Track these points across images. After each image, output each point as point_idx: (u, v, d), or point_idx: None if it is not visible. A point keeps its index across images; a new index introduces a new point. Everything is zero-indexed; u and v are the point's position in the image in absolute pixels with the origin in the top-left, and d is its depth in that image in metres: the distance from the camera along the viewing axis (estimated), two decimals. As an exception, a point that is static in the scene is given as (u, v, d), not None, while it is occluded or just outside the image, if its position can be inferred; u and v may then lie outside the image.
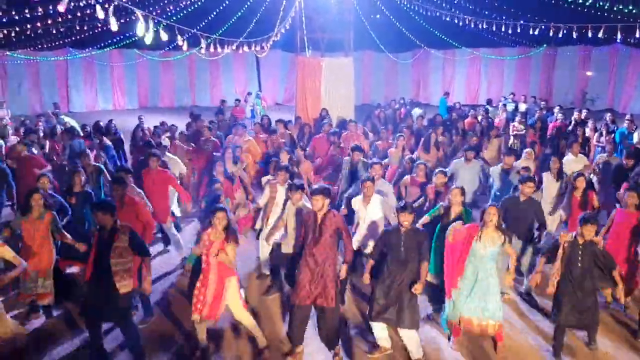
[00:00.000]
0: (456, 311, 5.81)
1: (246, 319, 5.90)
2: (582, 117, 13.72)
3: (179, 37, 9.38)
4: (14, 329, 5.47)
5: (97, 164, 9.06)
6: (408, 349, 5.84)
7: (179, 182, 8.79)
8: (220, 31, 15.34)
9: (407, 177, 8.42)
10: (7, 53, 22.60)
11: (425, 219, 6.92)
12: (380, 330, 5.89)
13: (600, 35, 12.12)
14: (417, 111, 16.17)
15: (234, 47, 14.06)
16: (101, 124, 12.76)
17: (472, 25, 17.15)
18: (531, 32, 14.58)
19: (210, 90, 28.16)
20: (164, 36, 8.46)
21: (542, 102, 16.82)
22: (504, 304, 6.10)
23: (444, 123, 13.29)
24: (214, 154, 10.20)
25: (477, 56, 26.62)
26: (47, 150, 10.97)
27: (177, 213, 9.11)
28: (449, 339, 6.15)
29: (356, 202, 7.16)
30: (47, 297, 6.42)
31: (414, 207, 6.50)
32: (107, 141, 11.22)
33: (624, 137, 11.73)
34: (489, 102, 18.64)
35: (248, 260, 8.26)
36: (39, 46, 22.24)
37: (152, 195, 7.80)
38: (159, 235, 8.88)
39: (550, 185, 8.45)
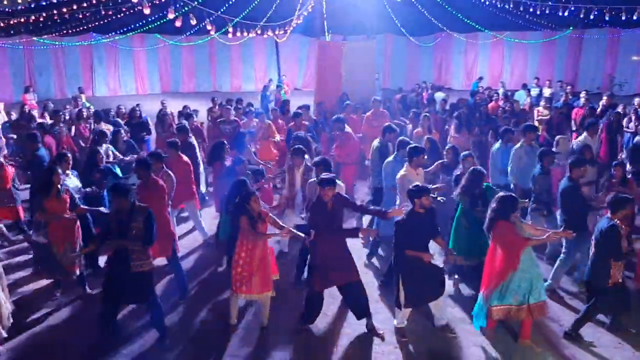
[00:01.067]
0: (505, 301, 5.61)
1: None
2: (609, 103, 13.41)
3: (206, 20, 9.43)
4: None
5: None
6: (435, 314, 5.94)
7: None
8: (242, 15, 15.34)
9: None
10: (34, 38, 22.91)
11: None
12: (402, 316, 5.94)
13: (635, 17, 11.76)
14: (440, 95, 16.04)
15: (258, 31, 14.05)
16: (122, 109, 13.00)
17: (496, 8, 16.86)
18: (560, 14, 14.22)
19: (230, 76, 28.25)
20: (193, 20, 8.51)
21: (568, 87, 16.52)
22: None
23: (468, 107, 13.15)
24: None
25: (501, 40, 26.22)
26: (72, 134, 11.12)
27: (203, 189, 9.34)
28: (483, 333, 6.02)
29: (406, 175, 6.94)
30: (75, 268, 6.59)
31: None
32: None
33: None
34: (524, 86, 18.17)
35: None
36: (64, 31, 22.49)
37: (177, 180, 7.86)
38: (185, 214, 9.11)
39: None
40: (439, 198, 6.61)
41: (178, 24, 6.98)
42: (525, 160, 8.22)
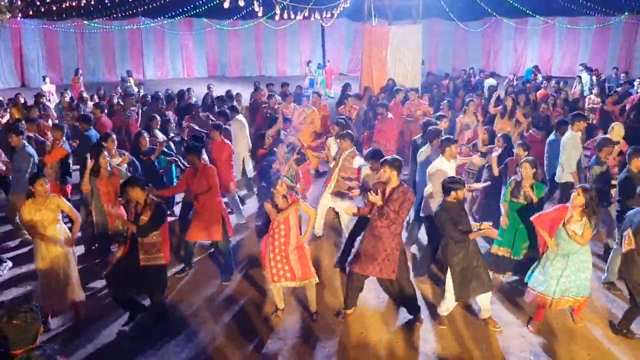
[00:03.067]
0: (544, 290, 5.67)
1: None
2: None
3: (255, 3, 9.51)
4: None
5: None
6: (481, 307, 5.88)
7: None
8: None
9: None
10: (85, 22, 23.54)
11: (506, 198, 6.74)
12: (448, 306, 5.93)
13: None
14: (490, 82, 15.76)
15: (305, 14, 14.06)
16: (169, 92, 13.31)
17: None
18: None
19: (276, 60, 28.37)
20: (242, 1, 8.59)
21: (622, 74, 15.93)
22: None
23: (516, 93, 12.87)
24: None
25: (551, 25, 25.40)
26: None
27: (238, 176, 9.55)
28: (530, 319, 6.03)
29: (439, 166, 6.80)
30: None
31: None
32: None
33: None
34: (590, 69, 17.52)
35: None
36: (114, 15, 23.02)
37: (217, 165, 7.98)
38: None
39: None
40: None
41: (227, 4, 7.08)
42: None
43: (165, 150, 8.65)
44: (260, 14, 10.29)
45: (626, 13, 23.55)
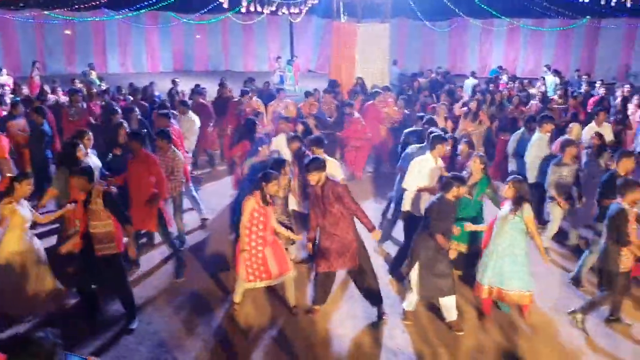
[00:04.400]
0: (483, 280, 5.87)
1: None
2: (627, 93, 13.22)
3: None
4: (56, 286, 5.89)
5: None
6: (445, 312, 5.87)
7: None
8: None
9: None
10: (45, 12, 22.85)
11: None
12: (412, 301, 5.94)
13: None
14: (471, 81, 16.00)
15: (273, 8, 13.94)
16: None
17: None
18: (579, 1, 13.90)
19: (243, 56, 28.13)
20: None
21: (584, 77, 16.28)
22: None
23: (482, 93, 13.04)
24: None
25: (517, 27, 25.80)
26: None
27: None
28: (480, 314, 6.14)
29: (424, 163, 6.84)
30: None
31: None
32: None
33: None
34: (554, 71, 17.85)
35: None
36: (76, 6, 22.41)
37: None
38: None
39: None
40: None
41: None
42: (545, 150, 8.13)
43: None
44: (225, 4, 10.09)
45: (588, 17, 24.11)
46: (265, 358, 5.36)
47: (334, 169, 6.71)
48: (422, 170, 6.74)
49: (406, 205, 6.90)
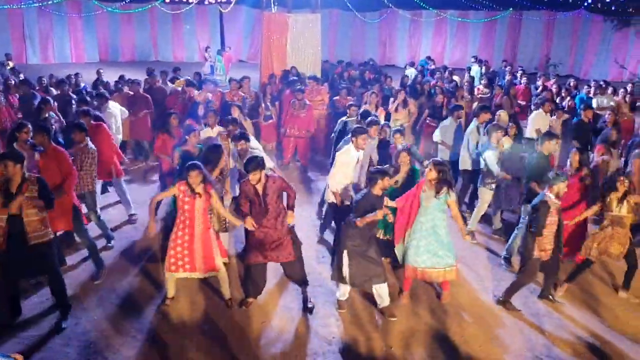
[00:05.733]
0: (410, 261, 6.04)
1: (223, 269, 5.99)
2: (551, 84, 13.90)
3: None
4: None
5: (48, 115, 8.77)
6: (378, 299, 5.99)
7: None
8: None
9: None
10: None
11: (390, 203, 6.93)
12: (344, 290, 6.03)
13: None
14: (412, 71, 16.27)
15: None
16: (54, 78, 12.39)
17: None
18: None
19: (172, 46, 27.43)
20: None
21: (508, 67, 16.95)
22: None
23: (413, 85, 13.33)
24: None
25: (444, 18, 26.51)
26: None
27: None
28: (400, 291, 6.36)
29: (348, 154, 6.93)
30: None
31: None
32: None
33: (583, 102, 11.98)
34: (480, 61, 18.49)
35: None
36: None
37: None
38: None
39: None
40: None
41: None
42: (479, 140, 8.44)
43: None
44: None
45: (511, 9, 25.09)
46: (199, 354, 5.29)
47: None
48: (344, 162, 6.85)
49: (330, 197, 6.98)
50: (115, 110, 9.83)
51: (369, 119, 7.85)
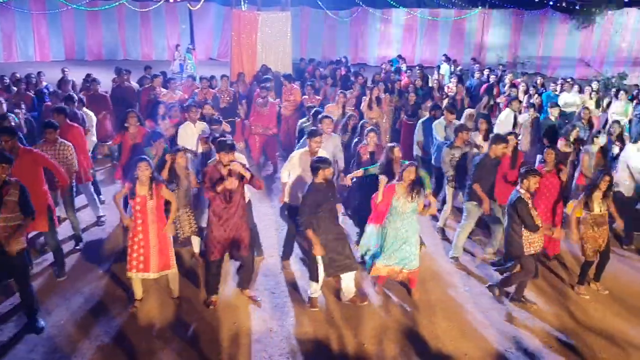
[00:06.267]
0: (383, 261, 6.11)
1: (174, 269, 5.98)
2: (519, 82, 14.07)
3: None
4: None
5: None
6: (345, 289, 6.05)
7: None
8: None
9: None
10: None
11: (359, 172, 6.95)
12: (318, 286, 6.04)
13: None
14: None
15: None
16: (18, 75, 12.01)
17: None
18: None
19: (141, 44, 26.99)
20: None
21: (477, 65, 17.13)
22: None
23: (385, 83, 13.33)
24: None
25: (414, 16, 26.68)
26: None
27: None
28: (374, 284, 6.46)
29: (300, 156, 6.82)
30: None
31: None
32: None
33: (551, 99, 12.18)
34: (449, 59, 18.73)
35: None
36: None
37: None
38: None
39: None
40: None
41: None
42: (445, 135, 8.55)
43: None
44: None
45: (480, 7, 25.40)
46: (169, 356, 5.20)
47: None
48: (295, 163, 6.70)
49: (285, 196, 6.87)
50: (90, 112, 9.51)
51: (320, 115, 7.82)
